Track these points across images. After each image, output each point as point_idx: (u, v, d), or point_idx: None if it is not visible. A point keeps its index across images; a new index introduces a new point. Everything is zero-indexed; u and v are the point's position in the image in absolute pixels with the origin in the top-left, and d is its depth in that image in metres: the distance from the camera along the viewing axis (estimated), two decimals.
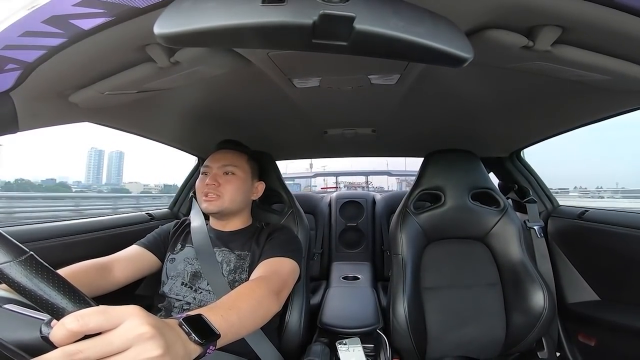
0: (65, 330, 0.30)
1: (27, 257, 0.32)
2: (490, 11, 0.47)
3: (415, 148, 1.54)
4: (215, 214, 0.91)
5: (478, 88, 0.84)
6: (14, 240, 0.33)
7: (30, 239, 0.83)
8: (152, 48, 0.55)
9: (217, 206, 0.88)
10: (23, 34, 0.42)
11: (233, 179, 0.91)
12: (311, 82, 0.77)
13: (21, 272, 0.31)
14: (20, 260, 0.31)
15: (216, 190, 0.88)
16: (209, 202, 0.88)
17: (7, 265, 0.31)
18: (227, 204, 0.89)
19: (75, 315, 0.30)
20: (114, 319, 0.32)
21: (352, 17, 0.33)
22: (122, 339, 0.31)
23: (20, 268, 0.31)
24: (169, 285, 0.85)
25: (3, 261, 0.31)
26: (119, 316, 0.32)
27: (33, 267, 0.32)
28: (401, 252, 1.06)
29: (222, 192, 0.89)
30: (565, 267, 1.18)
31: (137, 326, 0.32)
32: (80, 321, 0.30)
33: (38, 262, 0.32)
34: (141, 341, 0.32)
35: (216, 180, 0.89)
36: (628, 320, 0.93)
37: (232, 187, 0.90)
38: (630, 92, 0.69)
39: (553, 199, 1.34)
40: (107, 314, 0.31)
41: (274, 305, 0.65)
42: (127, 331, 0.32)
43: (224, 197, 0.89)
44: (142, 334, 0.32)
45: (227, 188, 0.89)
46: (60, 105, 0.67)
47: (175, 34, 0.34)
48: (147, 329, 0.32)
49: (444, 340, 1.03)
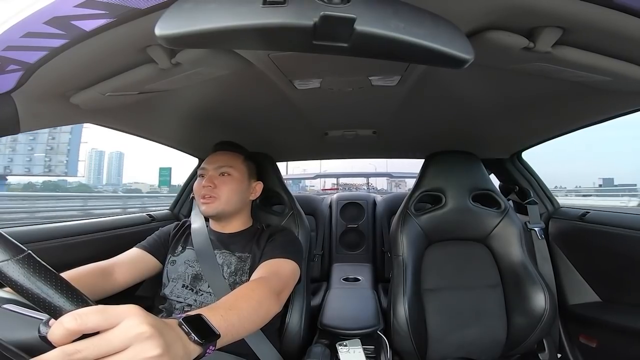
0: (63, 329, 0.30)
1: (24, 256, 0.32)
2: (490, 12, 0.47)
3: (416, 149, 1.53)
4: (212, 216, 0.91)
5: (478, 89, 0.84)
6: (11, 239, 0.33)
7: (30, 239, 0.83)
8: (153, 49, 0.55)
9: (214, 208, 0.88)
10: (25, 35, 0.42)
11: (228, 180, 0.91)
12: (312, 84, 0.77)
13: (19, 271, 0.31)
14: (18, 259, 0.31)
15: (212, 191, 0.88)
16: (207, 205, 0.88)
17: (5, 263, 0.31)
18: (223, 206, 0.89)
19: (74, 315, 0.30)
20: (112, 318, 0.31)
21: (352, 19, 0.33)
22: (120, 338, 0.31)
23: (18, 266, 0.31)
24: (169, 288, 0.85)
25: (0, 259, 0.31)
26: (118, 315, 0.32)
27: (31, 265, 0.32)
28: (402, 254, 1.06)
29: (219, 194, 0.88)
30: (566, 269, 1.18)
31: (135, 325, 0.32)
32: (78, 320, 0.30)
33: (36, 260, 0.32)
34: (140, 340, 0.32)
35: (212, 182, 0.89)
36: (629, 321, 0.93)
37: (228, 188, 0.90)
38: (631, 93, 0.69)
39: (554, 200, 1.34)
40: (105, 313, 0.31)
41: (275, 306, 0.65)
42: (126, 330, 0.31)
43: (221, 198, 0.88)
44: (141, 333, 0.32)
45: (223, 189, 0.89)
46: (61, 106, 0.68)
47: (177, 35, 0.34)
48: (145, 328, 0.32)
49: (444, 342, 1.03)
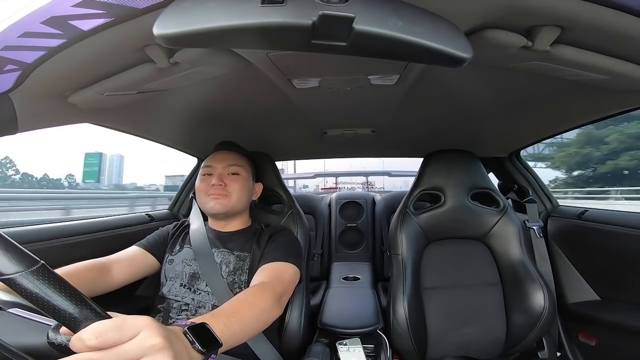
0: (84, 346, 0.31)
1: (39, 267, 0.32)
2: (489, 11, 0.47)
3: (414, 148, 1.53)
4: (220, 214, 0.90)
5: (477, 88, 0.84)
6: (25, 250, 0.33)
7: (31, 239, 0.83)
8: (151, 49, 0.55)
9: (225, 205, 0.87)
10: (22, 35, 0.42)
11: (239, 179, 0.91)
12: (311, 83, 0.77)
13: (33, 282, 0.31)
14: (32, 270, 0.32)
15: (223, 189, 0.88)
16: (217, 201, 0.87)
17: (20, 275, 0.31)
18: (234, 203, 0.89)
19: (94, 332, 0.31)
20: (129, 332, 0.33)
21: (351, 18, 0.33)
22: (135, 351, 0.33)
23: (33, 278, 0.32)
24: (167, 287, 0.85)
25: (15, 271, 0.31)
26: (134, 328, 0.34)
27: (45, 276, 0.32)
28: (401, 253, 1.06)
29: (230, 192, 0.88)
30: (565, 267, 1.18)
31: (149, 337, 0.34)
32: (99, 338, 0.31)
33: (50, 271, 0.33)
34: (153, 352, 0.34)
35: (222, 181, 0.88)
36: (628, 319, 0.93)
37: (239, 187, 0.90)
38: (628, 92, 0.69)
39: (553, 199, 1.34)
40: (123, 329, 0.33)
41: (276, 312, 0.66)
42: (141, 342, 0.33)
43: (232, 195, 0.88)
44: (154, 345, 0.34)
45: (234, 187, 0.89)
46: (59, 106, 0.67)
47: (175, 35, 0.34)
48: (158, 340, 0.34)
49: (444, 341, 1.03)
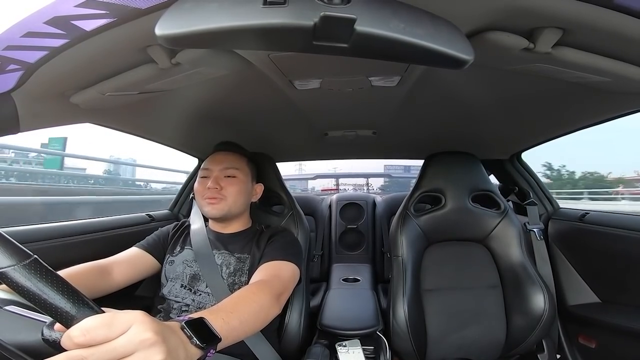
0: (72, 344, 0.31)
1: (31, 261, 0.32)
2: (491, 13, 0.47)
3: (415, 150, 1.53)
4: (218, 218, 0.90)
5: (478, 90, 0.84)
6: (17, 243, 0.33)
7: (30, 239, 0.83)
8: (153, 49, 0.55)
9: (220, 210, 0.86)
10: (25, 35, 0.42)
11: (235, 182, 0.89)
12: (312, 84, 0.77)
13: (25, 276, 0.31)
14: (24, 264, 0.31)
15: (218, 193, 0.86)
16: (212, 206, 0.86)
17: (12, 269, 0.31)
18: (229, 207, 0.87)
19: (82, 329, 0.31)
20: (119, 328, 0.32)
21: (352, 19, 0.33)
22: (125, 346, 0.32)
23: (25, 272, 0.31)
24: (168, 288, 0.85)
25: (7, 265, 0.31)
26: (124, 324, 0.33)
27: (37, 271, 0.32)
28: (401, 254, 1.06)
29: (225, 195, 0.87)
30: (565, 270, 1.18)
31: (140, 332, 0.33)
32: (87, 336, 0.31)
33: (42, 266, 0.32)
34: (144, 347, 0.33)
35: (218, 184, 0.87)
36: (629, 322, 0.93)
37: (235, 190, 0.88)
38: (631, 94, 0.69)
39: (553, 201, 1.33)
40: (112, 325, 0.32)
41: (275, 309, 0.65)
42: (131, 337, 0.32)
43: (227, 199, 0.87)
44: (145, 340, 0.33)
45: (230, 190, 0.87)
46: (61, 106, 0.67)
47: (177, 35, 0.34)
48: (150, 335, 0.33)
49: (444, 343, 1.03)
